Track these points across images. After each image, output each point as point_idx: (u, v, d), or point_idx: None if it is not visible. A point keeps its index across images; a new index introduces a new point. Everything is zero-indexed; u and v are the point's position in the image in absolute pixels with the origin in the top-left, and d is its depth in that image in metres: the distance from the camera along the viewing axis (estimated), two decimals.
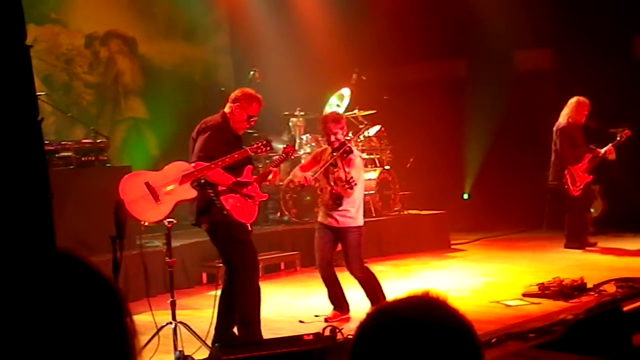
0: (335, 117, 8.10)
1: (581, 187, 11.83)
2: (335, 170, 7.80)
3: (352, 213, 7.96)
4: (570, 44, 13.74)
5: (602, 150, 11.86)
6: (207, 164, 6.55)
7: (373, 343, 1.58)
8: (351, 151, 7.88)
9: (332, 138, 7.80)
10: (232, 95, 7.06)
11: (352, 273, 8.04)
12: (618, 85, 13.16)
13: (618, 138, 11.81)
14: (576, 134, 11.83)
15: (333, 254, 8.23)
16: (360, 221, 8.06)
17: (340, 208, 7.89)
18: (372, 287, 8.05)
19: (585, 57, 13.47)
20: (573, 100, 11.82)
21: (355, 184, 7.56)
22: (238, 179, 6.76)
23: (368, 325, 1.61)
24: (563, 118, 11.83)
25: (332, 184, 7.83)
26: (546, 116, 12.32)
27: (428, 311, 1.59)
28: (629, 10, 13.02)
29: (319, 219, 8.23)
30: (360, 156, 8.25)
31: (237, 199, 6.74)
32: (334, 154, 7.76)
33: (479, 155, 14.62)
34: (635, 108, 12.91)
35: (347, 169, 7.64)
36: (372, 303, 7.83)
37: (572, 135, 11.79)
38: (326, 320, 7.80)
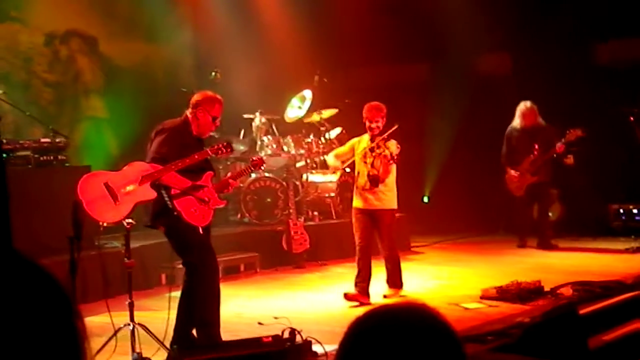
0: (378, 106, 9.05)
1: (523, 187, 12.33)
2: (372, 155, 8.84)
3: (388, 196, 8.96)
4: (531, 49, 13.87)
5: (554, 148, 12.17)
6: (162, 165, 6.52)
7: (362, 346, 1.61)
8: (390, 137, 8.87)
9: (374, 125, 8.91)
10: (193, 100, 7.04)
11: (383, 250, 9.07)
12: (577, 90, 13.30)
13: (567, 136, 11.97)
14: (514, 138, 12.36)
15: (372, 236, 9.09)
16: (394, 204, 9.10)
17: (377, 189, 8.84)
18: (395, 267, 9.09)
19: (545, 62, 13.63)
20: (518, 106, 12.34)
21: (397, 159, 8.62)
22: (195, 183, 6.74)
23: (357, 327, 1.64)
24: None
25: (370, 167, 8.82)
26: (506, 120, 12.50)
27: (413, 314, 1.63)
28: (590, 16, 13.17)
29: (356, 204, 9.10)
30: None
31: (192, 203, 6.71)
32: (377, 139, 8.80)
33: (439, 158, 14.70)
34: (593, 113, 13.05)
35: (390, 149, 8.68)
36: (390, 284, 9.08)
37: (510, 139, 12.40)
38: (346, 296, 8.74)
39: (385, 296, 9.05)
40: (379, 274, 9.15)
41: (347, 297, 8.73)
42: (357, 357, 1.61)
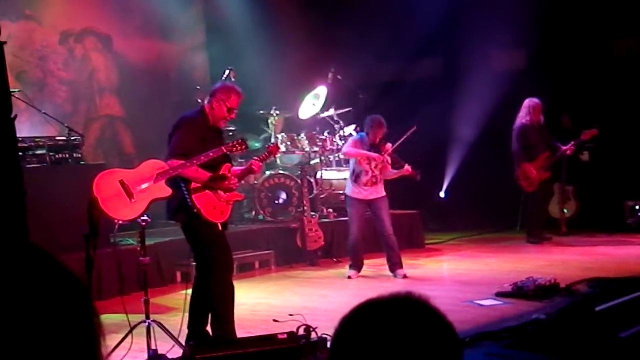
0: (382, 122, 10.15)
1: (536, 183, 12.36)
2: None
3: (383, 188, 10.28)
4: (547, 45, 13.83)
5: (564, 148, 12.30)
6: (181, 162, 6.52)
7: (354, 339, 1.59)
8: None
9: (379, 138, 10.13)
10: (212, 90, 7.06)
11: (388, 234, 10.13)
12: (593, 86, 13.27)
13: (582, 137, 12.10)
14: (530, 134, 12.35)
15: (367, 228, 10.70)
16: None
17: (378, 184, 10.16)
18: (397, 249, 10.21)
19: (561, 58, 13.59)
20: (525, 103, 12.45)
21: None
22: (216, 175, 6.73)
23: (351, 321, 1.62)
24: (518, 120, 12.49)
25: (373, 167, 10.13)
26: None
27: (410, 310, 1.61)
28: (606, 12, 13.14)
29: (354, 195, 10.25)
30: None
31: (210, 199, 6.71)
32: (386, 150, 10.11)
33: (455, 155, 14.66)
34: (609, 110, 13.02)
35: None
36: (393, 267, 10.16)
37: (526, 135, 12.37)
38: (349, 277, 10.21)
39: (406, 276, 10.06)
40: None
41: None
42: (348, 349, 1.59)
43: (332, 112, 12.72)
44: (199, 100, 10.54)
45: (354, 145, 10.30)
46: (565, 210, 13.23)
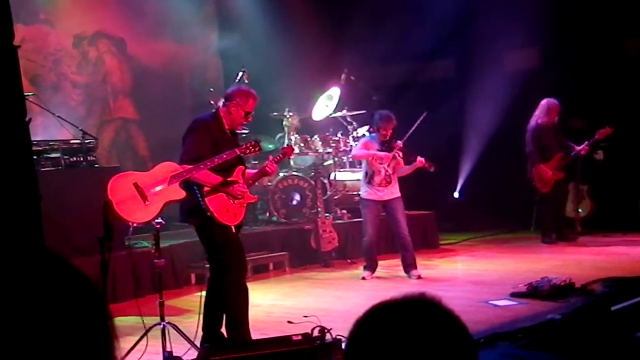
0: (390, 116, 10.08)
1: (550, 184, 12.35)
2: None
3: (397, 187, 10.18)
4: (558, 44, 13.80)
5: (578, 148, 12.28)
6: (194, 164, 6.53)
7: (369, 341, 1.60)
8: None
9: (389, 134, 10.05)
10: (227, 94, 7.05)
11: (403, 234, 10.12)
12: (606, 86, 13.23)
13: (596, 137, 12.08)
14: (545, 134, 12.33)
15: (381, 229, 10.75)
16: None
17: (392, 183, 10.11)
18: (411, 249, 10.17)
19: (574, 57, 13.56)
20: (543, 102, 12.38)
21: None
22: (227, 179, 6.74)
23: (365, 322, 1.63)
24: (533, 119, 12.44)
25: (386, 167, 10.08)
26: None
27: (424, 311, 1.61)
28: (617, 11, 13.10)
29: (369, 197, 10.21)
30: None
31: (223, 201, 6.71)
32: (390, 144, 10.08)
33: (469, 155, 14.64)
34: (622, 109, 12.98)
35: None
36: (407, 267, 10.14)
37: (541, 136, 12.33)
38: (363, 278, 10.21)
39: (420, 277, 10.02)
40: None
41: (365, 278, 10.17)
42: (363, 351, 1.60)
43: (344, 112, 12.72)
44: (212, 102, 10.57)
45: (364, 147, 10.28)
46: (580, 210, 13.20)
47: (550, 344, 5.97)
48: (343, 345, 6.36)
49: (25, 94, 5.67)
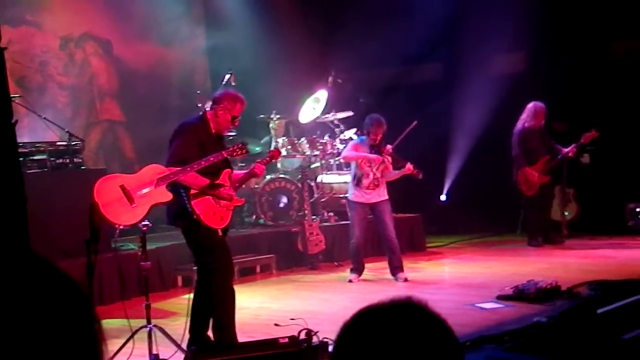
0: (381, 120, 10.05)
1: (536, 187, 12.41)
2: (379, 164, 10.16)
3: (385, 190, 10.24)
4: (546, 48, 13.84)
5: (565, 150, 12.34)
6: (181, 167, 6.52)
7: (356, 345, 1.59)
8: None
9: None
10: (215, 97, 7.04)
11: (390, 237, 10.14)
12: (593, 89, 13.27)
13: (582, 140, 12.12)
14: (532, 137, 12.38)
15: (368, 231, 10.75)
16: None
17: (380, 186, 10.15)
18: (398, 252, 10.20)
19: (561, 61, 13.60)
20: (530, 106, 12.42)
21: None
22: (214, 181, 6.72)
23: (352, 326, 1.63)
24: (519, 122, 12.49)
25: (374, 170, 10.10)
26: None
27: (410, 315, 1.61)
28: (605, 14, 13.15)
29: (357, 199, 10.23)
30: None
31: (210, 204, 6.69)
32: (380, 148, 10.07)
33: (456, 158, 14.66)
34: (609, 112, 13.02)
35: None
36: (394, 270, 10.15)
37: (527, 139, 12.39)
38: (350, 281, 10.25)
39: (407, 279, 10.07)
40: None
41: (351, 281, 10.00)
42: (349, 355, 1.60)
43: (332, 115, 12.72)
44: (199, 105, 10.56)
45: (353, 149, 10.29)
46: (566, 213, 13.24)
47: (536, 347, 5.98)
48: (330, 348, 6.36)
49: (12, 95, 5.66)
